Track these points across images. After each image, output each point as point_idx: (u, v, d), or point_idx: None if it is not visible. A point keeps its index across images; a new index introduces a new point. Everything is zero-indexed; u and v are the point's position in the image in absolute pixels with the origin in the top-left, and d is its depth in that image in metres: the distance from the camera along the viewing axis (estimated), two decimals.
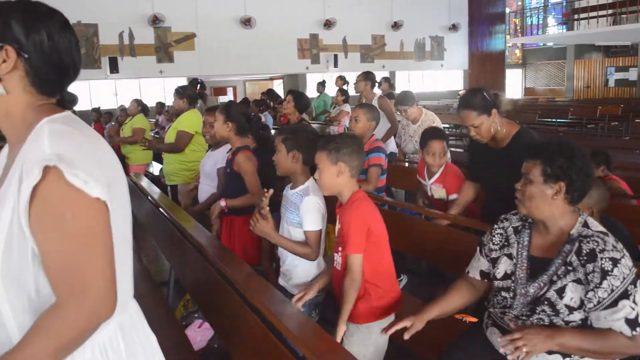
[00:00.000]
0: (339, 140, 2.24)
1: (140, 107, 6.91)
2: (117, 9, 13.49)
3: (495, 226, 2.07)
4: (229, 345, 2.28)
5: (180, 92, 5.28)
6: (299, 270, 2.56)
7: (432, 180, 3.57)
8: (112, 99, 15.93)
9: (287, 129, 2.73)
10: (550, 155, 1.81)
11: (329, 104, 10.46)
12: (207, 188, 3.77)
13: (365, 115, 3.66)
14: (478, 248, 2.13)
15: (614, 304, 1.68)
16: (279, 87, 18.76)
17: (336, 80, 9.95)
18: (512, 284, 1.92)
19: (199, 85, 7.49)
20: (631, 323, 1.67)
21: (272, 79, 19.47)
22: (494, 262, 2.02)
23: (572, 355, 1.79)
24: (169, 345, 1.89)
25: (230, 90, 19.34)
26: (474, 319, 2.28)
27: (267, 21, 15.14)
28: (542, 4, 20.20)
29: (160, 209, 3.68)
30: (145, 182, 4.47)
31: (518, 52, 22.97)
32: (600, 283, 1.69)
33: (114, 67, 13.60)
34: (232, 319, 2.22)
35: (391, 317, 2.27)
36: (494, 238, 2.04)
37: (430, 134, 3.59)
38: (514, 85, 22.40)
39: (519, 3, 21.76)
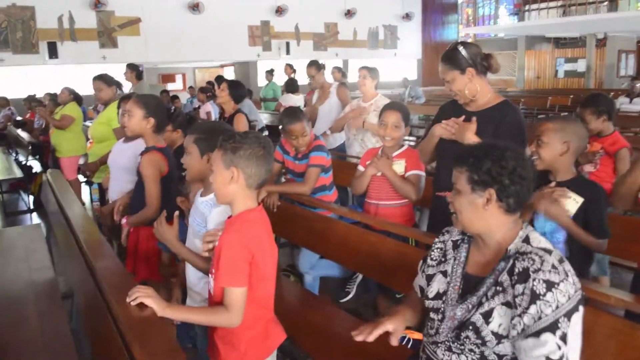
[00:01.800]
0: (240, 139, 1.85)
1: (72, 95, 6.43)
2: None
3: (436, 239, 1.83)
4: None
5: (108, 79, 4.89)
6: (205, 285, 2.18)
7: (393, 155, 3.21)
8: (50, 86, 15.16)
9: (200, 128, 2.39)
10: (476, 160, 1.57)
11: (279, 92, 10.15)
12: (123, 183, 3.37)
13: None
14: (421, 262, 1.87)
15: (537, 335, 1.41)
16: (229, 75, 18.27)
17: (285, 68, 9.66)
18: (443, 305, 1.67)
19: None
20: None
21: (222, 66, 18.94)
22: (429, 279, 1.76)
23: None
24: None
25: (179, 78, 18.75)
26: (420, 336, 2.01)
27: (217, 7, 14.66)
28: None
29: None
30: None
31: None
32: (528, 307, 1.43)
33: (53, 53, 12.89)
34: None
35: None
36: (432, 253, 1.80)
37: (388, 105, 3.37)
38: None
39: None
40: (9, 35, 12.50)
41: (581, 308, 1.45)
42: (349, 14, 17.35)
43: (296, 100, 8.02)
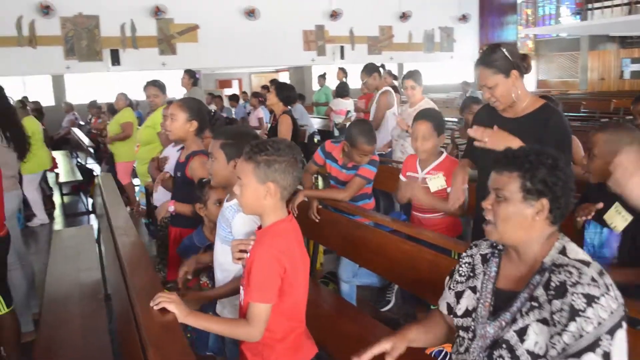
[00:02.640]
0: (272, 150, 1.75)
1: (127, 100, 6.67)
2: (118, 0, 13.27)
3: (464, 254, 1.72)
4: None
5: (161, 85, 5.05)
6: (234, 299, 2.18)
7: (428, 169, 3.08)
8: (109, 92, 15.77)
9: (226, 133, 2.34)
10: (531, 165, 1.46)
11: (331, 97, 10.18)
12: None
13: None
14: (447, 277, 1.77)
15: (578, 355, 1.30)
16: (284, 80, 18.48)
17: (337, 73, 9.67)
18: (473, 323, 1.57)
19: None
20: None
21: (277, 71, 19.18)
22: (458, 296, 1.66)
23: None
24: None
25: (235, 83, 19.10)
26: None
27: (272, 12, 14.86)
28: None
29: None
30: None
31: (530, 44, 22.41)
32: (567, 325, 1.32)
33: (115, 60, 13.45)
34: None
35: None
36: (460, 268, 1.69)
37: (417, 115, 3.18)
38: (527, 78, 21.78)
39: None
40: (75, 43, 13.11)
41: (624, 324, 1.34)
42: (404, 16, 17.22)
43: (346, 104, 8.01)
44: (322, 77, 10.91)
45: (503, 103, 2.43)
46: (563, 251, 1.47)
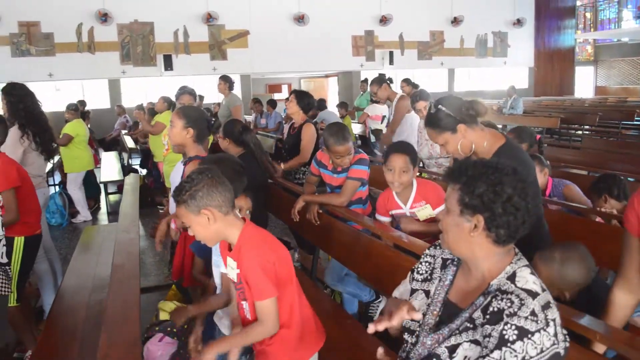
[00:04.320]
0: (190, 185, 1.88)
1: (168, 103, 6.90)
2: (172, 7, 13.75)
3: (427, 251, 1.69)
4: None
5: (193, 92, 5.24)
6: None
7: (410, 201, 3.03)
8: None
9: (208, 159, 2.54)
10: (471, 179, 1.41)
11: None
12: None
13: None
14: (410, 271, 1.74)
15: None
16: (333, 85, 18.61)
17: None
18: (418, 329, 1.55)
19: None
20: None
21: (327, 76, 19.31)
22: (412, 293, 1.63)
23: None
24: None
25: (285, 88, 19.35)
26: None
27: (321, 18, 14.99)
28: None
29: None
30: None
31: (590, 49, 21.65)
32: (492, 352, 1.28)
33: (168, 65, 13.89)
34: None
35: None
36: (420, 266, 1.66)
37: (392, 148, 3.11)
38: (585, 84, 21.15)
39: None
40: (131, 49, 13.66)
41: None
42: (455, 21, 16.97)
43: (382, 109, 8.01)
44: (365, 82, 10.95)
45: (463, 154, 2.38)
46: (512, 277, 1.40)
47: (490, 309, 1.35)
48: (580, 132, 10.95)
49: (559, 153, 6.94)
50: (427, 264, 1.65)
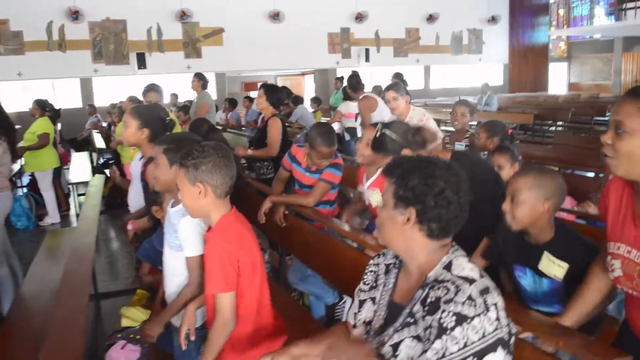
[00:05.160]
0: (198, 154, 1.88)
1: (134, 103, 6.76)
2: (145, 4, 13.56)
3: (371, 262, 1.67)
4: None
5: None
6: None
7: (369, 183, 3.03)
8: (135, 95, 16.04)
9: (169, 139, 2.44)
10: (405, 173, 1.41)
11: None
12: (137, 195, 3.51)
13: None
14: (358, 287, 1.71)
15: None
16: (309, 83, 18.56)
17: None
18: (366, 336, 1.53)
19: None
20: None
21: (303, 74, 19.25)
22: (360, 305, 1.62)
23: None
24: None
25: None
26: None
27: (297, 15, 14.93)
28: None
29: None
30: None
31: (563, 45, 21.87)
32: (433, 342, 1.27)
33: (141, 63, 13.68)
34: None
35: None
36: (366, 277, 1.65)
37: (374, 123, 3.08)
38: (559, 80, 21.38)
39: None
40: (103, 47, 13.44)
41: (500, 350, 1.26)
42: (431, 18, 17.05)
43: (355, 107, 7.96)
44: (340, 80, 10.91)
45: None
46: (448, 266, 1.40)
47: (428, 300, 1.34)
48: (553, 128, 11.06)
49: (531, 149, 6.98)
50: (372, 273, 1.64)
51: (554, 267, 2.01)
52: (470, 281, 1.32)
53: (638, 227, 1.58)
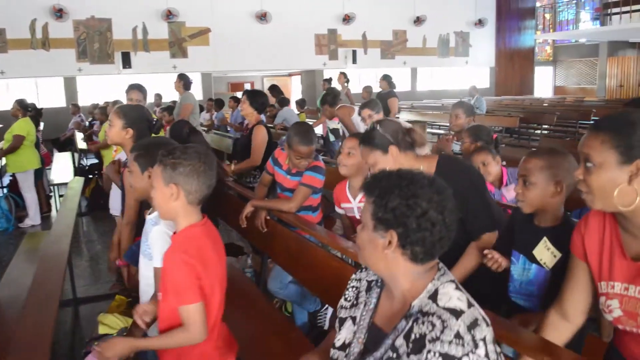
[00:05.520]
0: (180, 155, 1.78)
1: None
2: (131, 3, 13.48)
3: (353, 276, 1.55)
4: None
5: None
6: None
7: (360, 196, 2.98)
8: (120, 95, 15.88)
9: (140, 145, 2.35)
10: (384, 192, 1.29)
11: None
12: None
13: None
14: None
15: None
16: (297, 83, 18.50)
17: (338, 77, 9.60)
18: (345, 359, 1.42)
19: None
20: None
21: (290, 75, 19.19)
22: (341, 323, 1.49)
23: None
24: None
25: (247, 86, 19.16)
26: None
27: (284, 16, 14.91)
28: None
29: None
30: None
31: (549, 49, 22.06)
32: None
33: (127, 62, 13.57)
34: None
35: None
36: (347, 292, 1.53)
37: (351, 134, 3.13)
38: (544, 84, 21.53)
39: None
40: (87, 46, 13.28)
41: None
42: (418, 21, 17.10)
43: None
44: (328, 81, 10.86)
45: None
46: (434, 295, 1.28)
47: (413, 335, 1.25)
48: (539, 131, 11.09)
49: (517, 153, 6.96)
50: (353, 289, 1.53)
51: (547, 254, 1.98)
52: (458, 314, 1.22)
53: (629, 259, 1.47)
